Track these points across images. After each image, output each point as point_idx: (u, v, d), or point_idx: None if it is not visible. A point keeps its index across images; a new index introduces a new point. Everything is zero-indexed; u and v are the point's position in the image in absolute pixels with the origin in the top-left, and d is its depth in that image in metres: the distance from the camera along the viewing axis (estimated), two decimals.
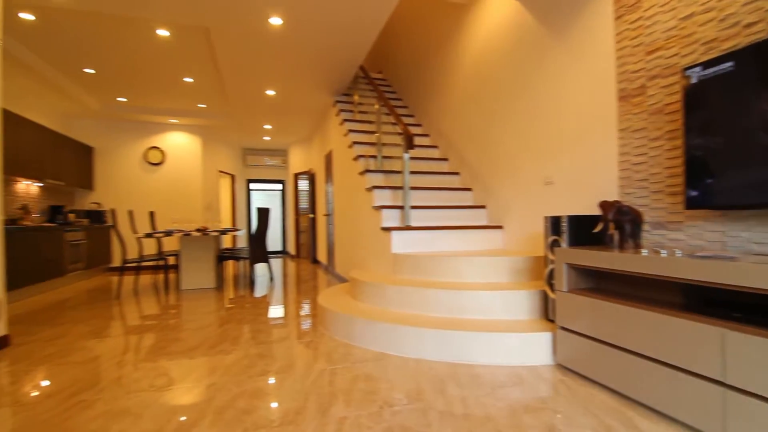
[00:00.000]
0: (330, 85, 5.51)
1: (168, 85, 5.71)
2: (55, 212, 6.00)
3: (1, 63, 2.81)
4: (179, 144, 7.66)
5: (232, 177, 9.71)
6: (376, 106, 4.42)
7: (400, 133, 3.71)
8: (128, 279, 6.13)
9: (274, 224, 10.85)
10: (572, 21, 2.84)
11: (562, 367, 2.23)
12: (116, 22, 3.93)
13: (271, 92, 5.76)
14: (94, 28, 4.05)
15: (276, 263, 8.20)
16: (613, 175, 2.55)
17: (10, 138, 4.63)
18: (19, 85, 5.22)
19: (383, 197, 3.90)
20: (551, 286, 2.38)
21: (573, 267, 2.19)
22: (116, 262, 7.22)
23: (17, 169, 4.87)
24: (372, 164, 4.41)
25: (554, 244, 2.38)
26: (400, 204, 3.77)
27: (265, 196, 10.96)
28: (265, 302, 4.25)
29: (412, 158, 4.51)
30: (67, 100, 6.02)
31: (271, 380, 2.14)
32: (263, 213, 5.48)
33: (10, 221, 4.86)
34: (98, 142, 7.20)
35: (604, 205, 2.24)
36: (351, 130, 4.91)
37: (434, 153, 4.95)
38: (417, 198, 4.00)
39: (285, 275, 6.36)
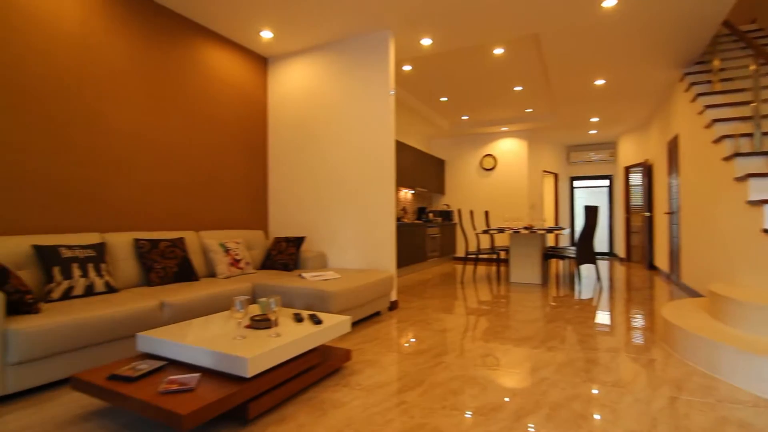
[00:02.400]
0: (676, 57, 4.55)
1: (500, 97, 6.35)
2: (420, 212, 7.88)
3: (394, 106, 3.97)
4: (508, 149, 8.37)
5: (555, 176, 9.65)
6: (752, 67, 3.31)
7: None
8: (468, 268, 7.24)
9: (601, 223, 9.97)
10: None
11: None
12: (462, 54, 4.75)
13: (600, 82, 5.36)
14: (446, 64, 5.05)
15: (602, 266, 7.54)
16: None
17: (397, 159, 6.49)
18: (401, 120, 7.18)
19: (765, 188, 2.90)
20: None
21: None
22: (459, 252, 8.72)
23: (401, 181, 6.75)
24: (745, 145, 3.35)
25: None
26: None
27: (588, 194, 10.24)
28: (591, 306, 4.04)
29: None
30: (428, 125, 7.74)
31: (606, 392, 2.05)
32: (591, 211, 5.19)
33: (397, 219, 6.77)
34: (447, 155, 8.90)
35: None
36: (708, 106, 3.89)
37: None
38: None
39: (612, 280, 5.77)
